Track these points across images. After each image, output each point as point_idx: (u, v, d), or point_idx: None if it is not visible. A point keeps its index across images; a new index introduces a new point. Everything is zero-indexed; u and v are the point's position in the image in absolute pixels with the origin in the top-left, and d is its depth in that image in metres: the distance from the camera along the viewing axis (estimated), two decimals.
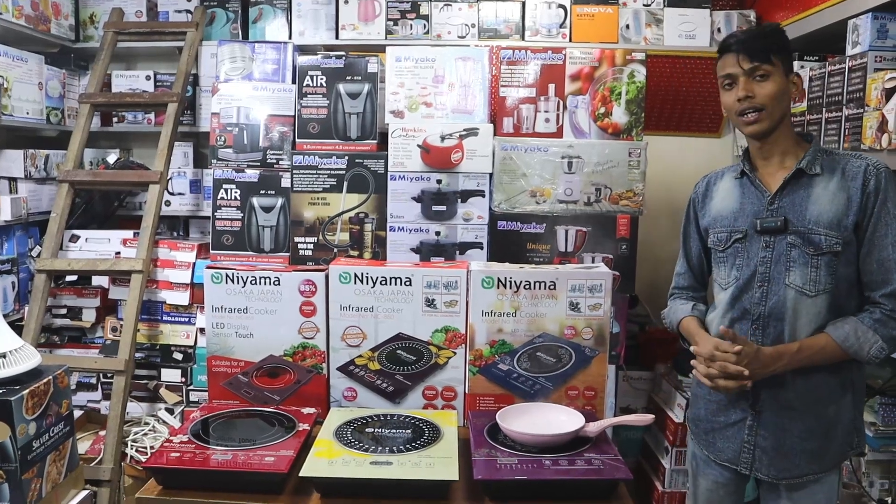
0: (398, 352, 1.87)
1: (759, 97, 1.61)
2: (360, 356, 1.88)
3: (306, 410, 1.78)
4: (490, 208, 2.20)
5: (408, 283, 1.84)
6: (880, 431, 2.01)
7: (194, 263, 2.67)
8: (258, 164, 2.32)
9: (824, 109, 2.22)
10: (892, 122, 1.96)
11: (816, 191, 1.61)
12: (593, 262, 2.18)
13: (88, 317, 2.80)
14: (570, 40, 2.87)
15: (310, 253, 2.24)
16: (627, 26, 2.89)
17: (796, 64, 2.58)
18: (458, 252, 2.20)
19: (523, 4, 2.89)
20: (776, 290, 1.63)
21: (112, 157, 2.98)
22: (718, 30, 2.90)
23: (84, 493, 1.69)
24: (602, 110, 2.25)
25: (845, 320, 1.60)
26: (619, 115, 2.25)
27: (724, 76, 1.66)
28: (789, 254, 1.62)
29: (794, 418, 1.64)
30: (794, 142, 1.68)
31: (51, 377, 1.57)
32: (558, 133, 2.27)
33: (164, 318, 2.72)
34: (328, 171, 2.22)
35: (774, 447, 1.66)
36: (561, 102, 2.26)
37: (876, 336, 1.56)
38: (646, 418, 1.73)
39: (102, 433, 2.47)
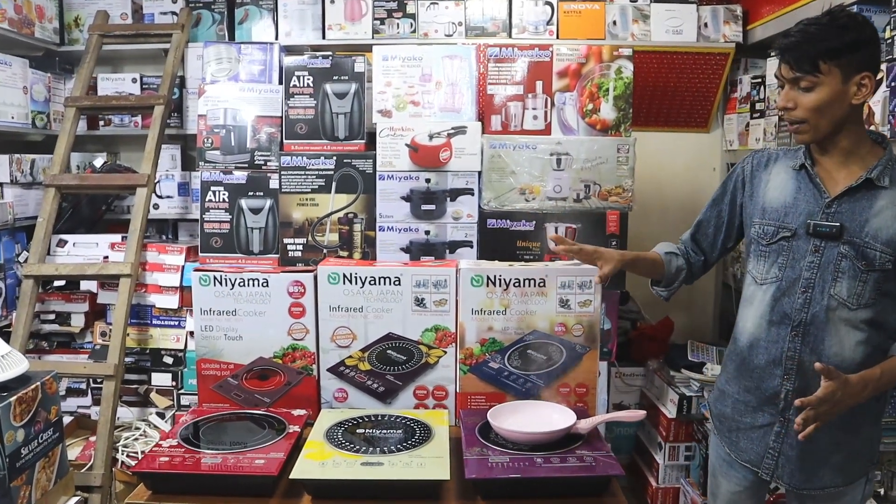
0: (388, 352, 1.86)
1: (800, 109, 1.50)
2: (350, 357, 1.87)
3: (297, 412, 1.77)
4: (479, 206, 2.20)
5: (397, 283, 1.84)
6: None
7: (183, 266, 2.65)
8: (246, 165, 2.31)
9: None
10: (879, 114, 1.96)
11: (880, 203, 1.50)
12: None
13: (77, 322, 2.78)
14: (558, 37, 2.87)
15: (299, 254, 2.23)
16: (614, 22, 2.88)
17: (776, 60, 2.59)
18: (447, 251, 2.20)
19: (510, 2, 2.88)
20: (819, 298, 1.55)
21: (99, 161, 2.96)
22: (705, 25, 2.90)
23: (74, 500, 1.68)
24: (590, 107, 2.25)
25: None
26: (607, 112, 2.25)
27: (775, 76, 1.57)
28: (839, 264, 1.53)
29: (824, 430, 1.53)
30: (862, 143, 1.55)
31: (39, 383, 1.56)
32: (546, 130, 2.26)
33: (154, 321, 2.70)
34: (316, 172, 2.21)
35: (800, 457, 1.61)
36: (549, 99, 2.26)
37: None
38: (637, 414, 1.73)
39: (93, 439, 2.45)
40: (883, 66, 1.95)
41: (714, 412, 1.82)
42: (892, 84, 1.88)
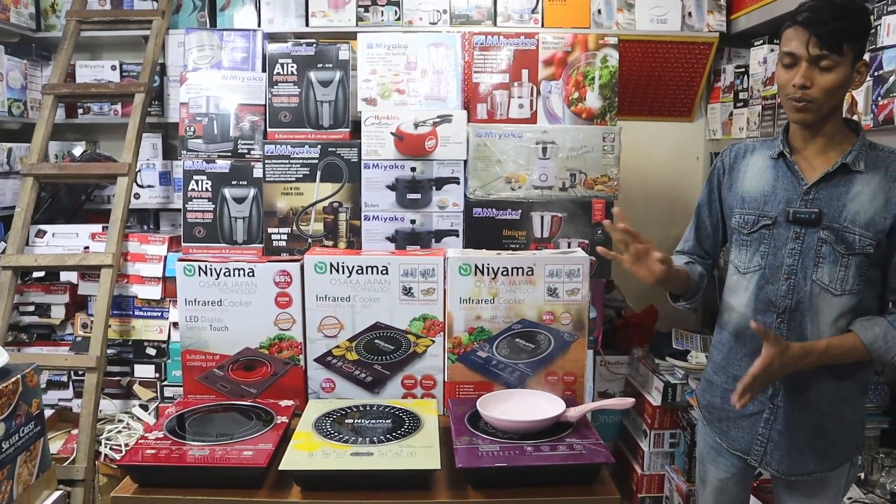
0: (376, 341, 1.85)
1: (816, 89, 1.47)
2: (337, 347, 1.86)
3: (284, 403, 1.75)
4: (465, 195, 2.19)
5: (384, 272, 1.82)
6: None
7: (166, 257, 2.62)
8: (229, 154, 2.28)
9: None
10: (862, 104, 1.98)
11: (857, 188, 1.52)
12: (569, 247, 2.18)
13: (57, 313, 2.74)
14: (543, 26, 2.86)
15: (284, 244, 2.21)
16: (599, 11, 2.88)
17: (766, 48, 2.60)
18: (433, 240, 2.19)
19: None
20: (802, 284, 1.56)
21: (78, 150, 2.92)
22: (689, 14, 2.91)
23: (57, 494, 1.66)
24: (576, 95, 2.25)
25: (874, 322, 1.53)
26: (593, 100, 2.25)
27: (786, 53, 1.50)
28: (820, 249, 1.54)
29: (810, 416, 1.61)
30: (841, 130, 1.57)
31: (19, 376, 1.53)
32: (532, 119, 2.26)
33: (136, 312, 2.67)
34: (301, 161, 2.19)
35: (787, 443, 1.63)
36: (534, 88, 2.25)
37: None
38: (626, 402, 1.73)
39: (75, 432, 2.42)
40: (866, 56, 1.96)
41: (702, 403, 1.82)
42: (876, 74, 1.90)
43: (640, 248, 1.59)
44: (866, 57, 1.92)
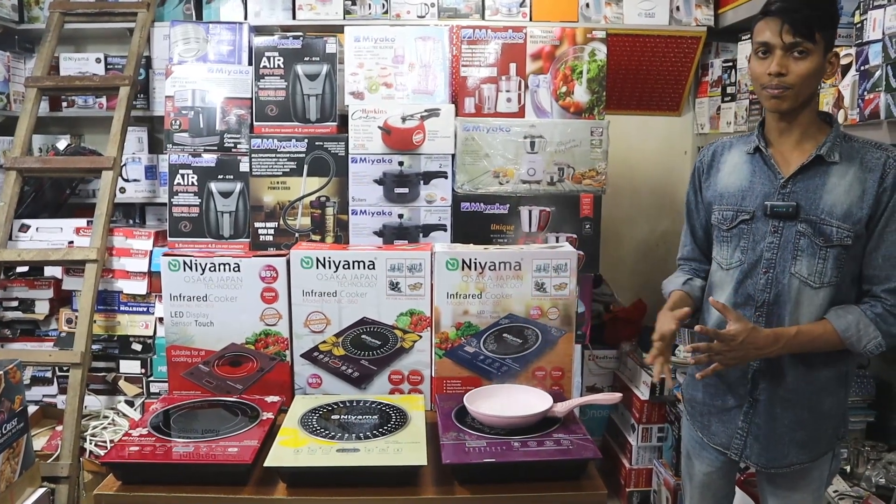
0: (363, 336, 1.84)
1: (792, 76, 1.49)
2: (324, 342, 1.85)
3: (270, 399, 1.75)
4: (453, 190, 2.18)
5: (371, 267, 1.81)
6: None
7: (151, 251, 2.60)
8: (215, 148, 2.27)
9: None
10: (848, 98, 1.98)
11: (832, 180, 1.53)
12: (557, 241, 2.18)
13: (41, 309, 2.72)
14: (531, 19, 2.85)
15: (270, 238, 2.20)
16: (587, 5, 2.87)
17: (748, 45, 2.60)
18: (421, 234, 2.18)
19: None
20: (781, 278, 1.57)
21: (62, 143, 2.89)
22: (677, 8, 2.91)
23: (41, 491, 1.65)
24: (564, 89, 2.24)
25: (848, 310, 1.54)
26: (581, 94, 2.24)
27: (760, 43, 1.52)
28: (798, 242, 1.55)
29: (788, 408, 1.61)
30: (815, 122, 1.58)
31: (2, 372, 1.52)
32: (520, 113, 2.25)
33: (122, 308, 2.65)
34: (287, 155, 2.17)
35: (766, 435, 1.63)
36: (522, 82, 2.24)
37: (877, 331, 1.52)
38: (614, 397, 1.73)
39: (59, 428, 2.40)
40: (852, 51, 1.96)
41: (686, 397, 1.84)
42: (862, 68, 1.90)
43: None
44: (853, 51, 1.94)
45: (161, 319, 2.60)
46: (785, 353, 1.54)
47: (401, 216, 2.17)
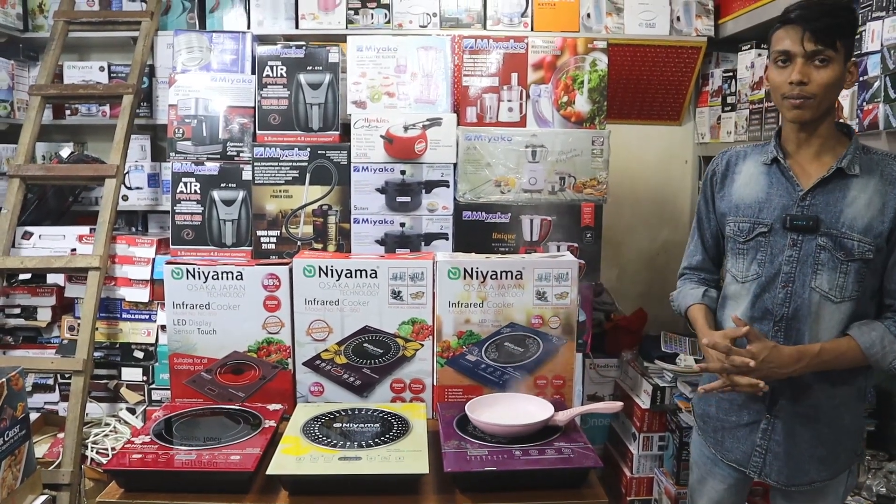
0: (365, 345, 1.85)
1: (814, 85, 1.46)
2: (326, 350, 1.85)
3: (272, 407, 1.75)
4: (455, 199, 2.19)
5: (373, 276, 1.82)
6: None
7: (154, 259, 2.61)
8: (218, 156, 2.28)
9: None
10: (847, 109, 1.99)
11: (853, 193, 1.50)
12: (559, 250, 2.18)
13: (44, 316, 2.72)
14: (532, 29, 2.86)
15: (273, 247, 2.21)
16: (588, 15, 2.89)
17: (753, 53, 2.62)
18: (423, 243, 2.19)
19: None
20: (801, 292, 1.53)
21: (66, 151, 2.90)
22: (678, 18, 2.92)
23: (42, 498, 1.65)
24: (565, 99, 2.25)
25: (871, 326, 1.52)
26: (582, 104, 2.25)
27: (780, 52, 1.49)
28: (818, 256, 1.52)
29: (807, 425, 1.58)
30: (834, 134, 1.55)
31: (4, 379, 1.52)
32: (522, 122, 2.26)
33: (124, 315, 2.65)
34: (290, 163, 2.18)
35: (787, 453, 1.60)
36: (524, 91, 2.26)
37: None
38: (615, 405, 1.73)
39: (61, 436, 2.40)
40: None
41: (697, 412, 1.80)
42: (861, 79, 1.91)
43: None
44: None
45: (163, 327, 2.60)
46: (808, 371, 1.51)
47: (402, 225, 2.18)
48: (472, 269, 1.80)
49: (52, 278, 2.73)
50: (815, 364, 1.50)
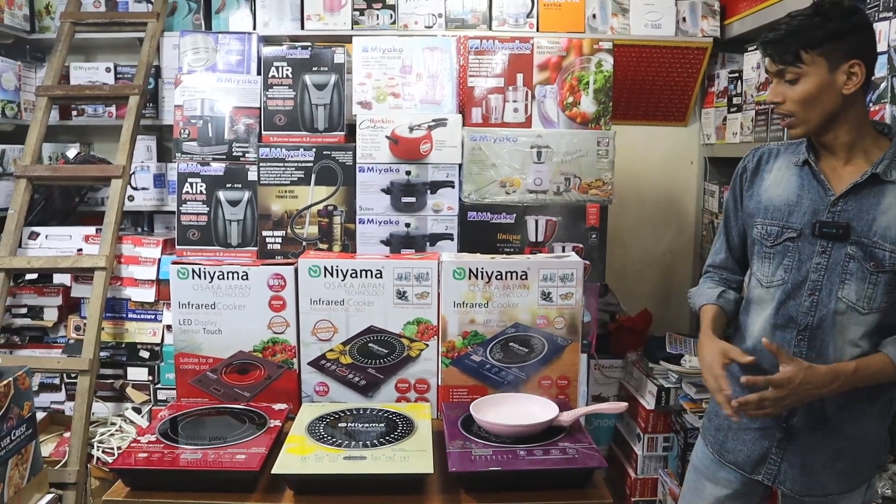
0: (370, 345, 1.85)
1: (788, 102, 1.45)
2: (331, 350, 1.85)
3: (277, 406, 1.75)
4: (460, 199, 2.19)
5: (378, 276, 1.82)
6: None
7: (160, 259, 2.62)
8: (224, 157, 2.28)
9: None
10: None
11: (888, 200, 1.42)
12: (564, 251, 2.18)
13: (50, 316, 2.73)
14: (538, 30, 2.86)
15: (278, 247, 2.21)
16: (594, 16, 2.89)
17: (759, 54, 2.60)
18: (428, 244, 2.19)
19: None
20: (827, 301, 1.47)
21: (72, 152, 2.91)
22: (683, 19, 2.92)
23: (49, 497, 1.66)
24: (570, 99, 2.25)
25: None
26: (588, 105, 2.25)
27: (766, 69, 1.50)
28: (846, 265, 1.45)
29: (828, 436, 1.52)
30: (865, 135, 1.47)
31: (11, 379, 1.53)
32: (527, 123, 2.26)
33: (130, 315, 2.66)
34: (295, 164, 2.18)
35: (804, 463, 1.54)
36: (529, 92, 2.26)
37: None
38: (619, 406, 1.74)
39: (67, 435, 2.41)
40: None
41: (708, 410, 1.75)
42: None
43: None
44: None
45: (169, 327, 2.61)
46: (843, 390, 1.43)
47: (408, 225, 2.18)
48: (477, 269, 1.81)
49: (58, 278, 2.74)
50: (850, 383, 1.42)
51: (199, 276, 1.84)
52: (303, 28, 2.87)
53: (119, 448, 2.42)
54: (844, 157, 1.48)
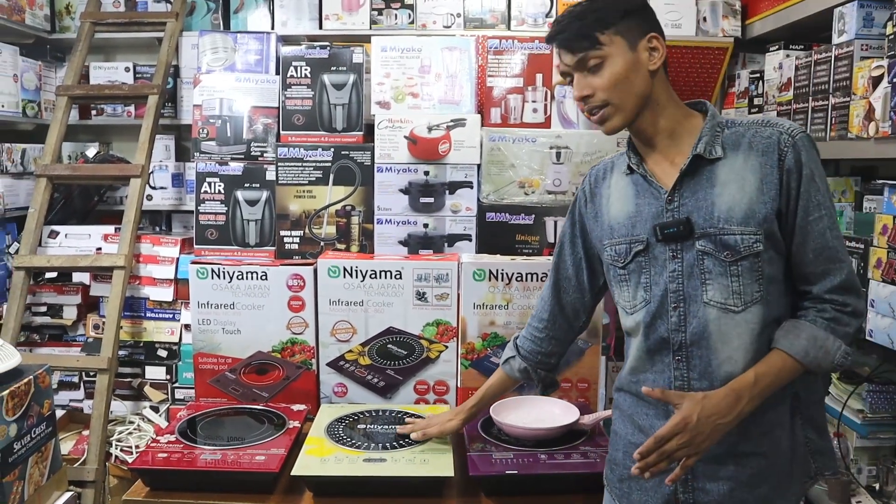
0: (389, 346, 1.85)
1: (599, 91, 1.28)
2: (350, 351, 1.85)
3: (296, 407, 1.75)
4: (478, 200, 2.18)
5: (398, 277, 1.82)
6: (868, 418, 2.02)
7: (178, 259, 2.62)
8: (242, 156, 2.28)
9: (811, 98, 2.21)
10: (880, 111, 1.96)
11: (721, 178, 1.27)
12: None
13: (69, 314, 2.74)
14: None
15: (296, 247, 2.21)
16: None
17: (781, 54, 2.58)
18: (446, 244, 2.18)
19: None
20: (695, 310, 1.28)
21: (91, 151, 2.92)
22: (704, 19, 2.89)
23: (68, 495, 1.66)
24: None
25: (797, 329, 1.25)
26: None
27: (561, 74, 1.34)
28: (702, 264, 1.26)
29: (738, 462, 1.29)
30: (680, 116, 1.33)
31: (31, 377, 1.53)
32: (546, 123, 2.25)
33: (148, 314, 2.66)
34: (314, 164, 2.18)
35: (718, 501, 1.29)
36: (549, 92, 2.24)
37: (837, 340, 1.24)
38: None
39: (86, 433, 2.42)
40: (884, 62, 1.94)
41: (607, 459, 1.46)
42: (893, 81, 1.87)
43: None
44: (885, 62, 1.89)
45: (187, 326, 2.61)
46: (754, 407, 1.23)
47: (426, 226, 2.17)
48: (497, 270, 1.80)
49: (77, 277, 2.75)
50: (758, 395, 1.23)
51: (219, 276, 1.85)
52: (321, 28, 2.86)
53: (137, 447, 2.43)
54: (668, 147, 1.33)
